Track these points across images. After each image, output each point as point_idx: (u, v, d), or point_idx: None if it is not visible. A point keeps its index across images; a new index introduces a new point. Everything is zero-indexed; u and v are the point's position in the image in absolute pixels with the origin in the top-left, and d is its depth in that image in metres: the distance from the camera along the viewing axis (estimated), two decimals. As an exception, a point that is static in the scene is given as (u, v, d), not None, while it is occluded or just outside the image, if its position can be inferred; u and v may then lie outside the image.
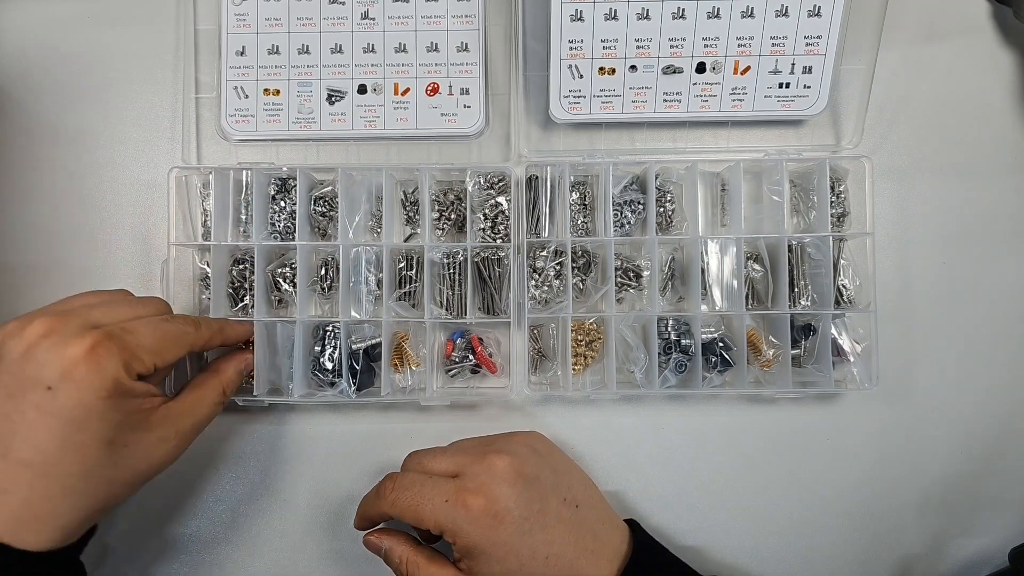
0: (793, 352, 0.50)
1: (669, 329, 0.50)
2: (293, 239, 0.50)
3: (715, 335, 0.50)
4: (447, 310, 0.50)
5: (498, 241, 0.50)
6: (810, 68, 0.49)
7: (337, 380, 0.49)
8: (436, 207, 0.51)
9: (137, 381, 0.38)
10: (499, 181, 0.51)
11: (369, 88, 0.51)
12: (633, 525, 0.46)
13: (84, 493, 0.37)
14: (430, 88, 0.51)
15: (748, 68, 0.49)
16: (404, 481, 0.43)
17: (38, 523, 0.36)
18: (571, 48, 0.49)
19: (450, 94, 0.51)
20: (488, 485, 0.41)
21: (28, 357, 0.36)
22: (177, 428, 0.40)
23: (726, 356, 0.50)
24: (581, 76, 0.50)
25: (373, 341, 0.50)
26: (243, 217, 0.51)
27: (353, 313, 0.50)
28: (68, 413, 0.35)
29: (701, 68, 0.49)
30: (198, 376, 0.45)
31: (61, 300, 0.41)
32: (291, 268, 0.50)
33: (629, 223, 0.51)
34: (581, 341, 0.50)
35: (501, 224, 0.50)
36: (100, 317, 0.39)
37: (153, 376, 0.40)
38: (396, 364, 0.51)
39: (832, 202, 0.50)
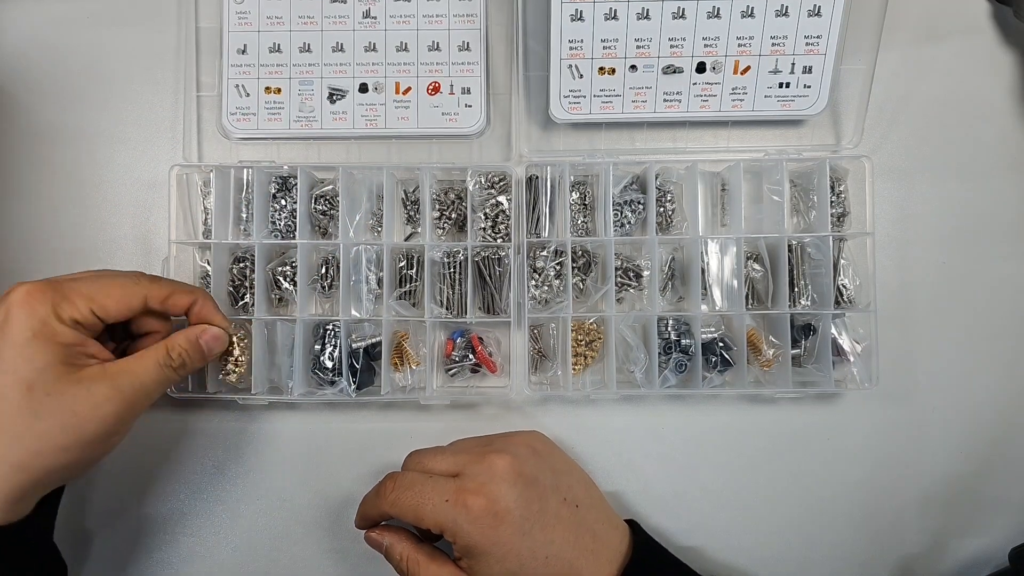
0: (793, 352, 0.50)
1: (669, 329, 0.50)
2: (294, 237, 0.50)
3: (715, 335, 0.50)
4: (447, 309, 0.50)
5: (498, 241, 0.50)
6: (810, 68, 0.49)
7: (337, 379, 0.49)
8: (437, 206, 0.51)
9: (71, 328, 0.38)
10: (500, 181, 0.51)
11: (370, 87, 0.51)
12: (633, 525, 0.46)
13: (20, 450, 0.36)
14: (431, 87, 0.51)
15: (748, 68, 0.49)
16: (404, 481, 0.43)
17: None
18: (571, 48, 0.49)
19: (451, 93, 0.51)
20: (488, 485, 0.41)
21: None
22: (114, 384, 0.38)
23: (726, 356, 0.50)
24: (581, 76, 0.50)
25: (373, 340, 0.50)
26: (244, 215, 0.51)
27: (353, 312, 0.50)
28: None
29: (701, 68, 0.50)
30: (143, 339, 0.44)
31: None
32: (291, 266, 0.50)
33: (629, 223, 0.51)
34: (581, 341, 0.50)
35: (501, 224, 0.50)
36: (62, 280, 0.39)
37: (96, 329, 0.39)
38: (396, 363, 0.51)
39: (832, 202, 0.50)
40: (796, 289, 0.50)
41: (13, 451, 0.36)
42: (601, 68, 0.50)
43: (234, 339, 0.48)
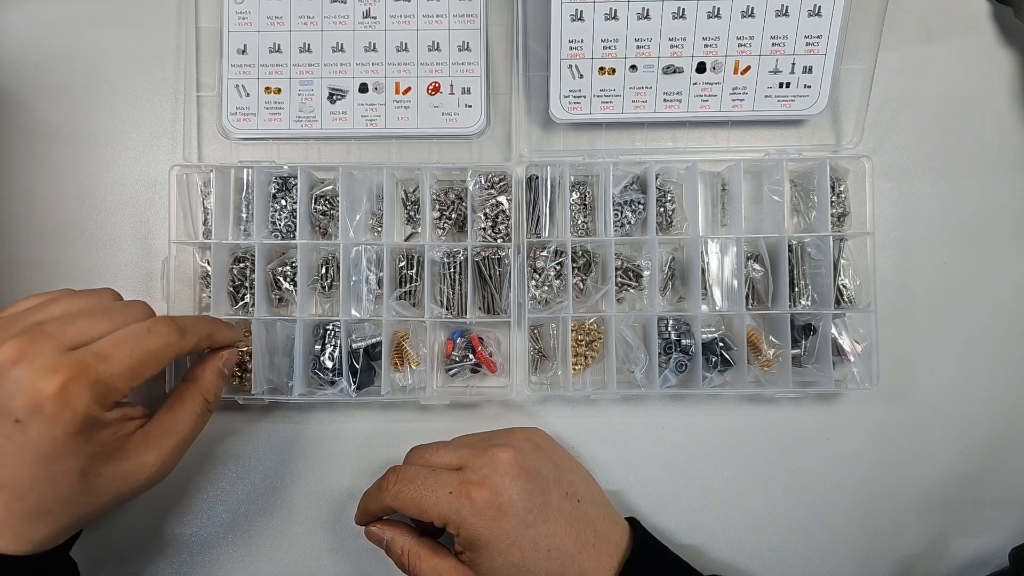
0: (793, 352, 0.50)
1: (669, 329, 0.50)
2: (294, 238, 0.50)
3: (715, 335, 0.50)
4: (447, 309, 0.50)
5: (498, 241, 0.50)
6: (810, 68, 0.49)
7: (337, 379, 0.49)
8: (437, 206, 0.51)
9: (111, 410, 0.36)
10: (500, 181, 0.51)
11: (370, 87, 0.51)
12: (633, 523, 0.46)
13: (61, 514, 0.36)
14: (431, 87, 0.51)
15: (748, 68, 0.49)
16: (407, 474, 0.43)
17: (15, 536, 0.36)
18: (571, 48, 0.49)
19: (451, 93, 0.51)
20: (492, 477, 0.41)
21: None
22: (159, 450, 0.39)
23: (726, 356, 0.50)
24: (581, 76, 0.50)
25: (373, 340, 0.50)
26: (244, 215, 0.51)
27: (353, 312, 0.50)
28: (37, 447, 0.34)
29: (701, 68, 0.50)
30: (176, 389, 0.43)
31: (37, 303, 0.39)
32: (292, 267, 0.50)
33: (629, 223, 0.51)
34: (581, 341, 0.50)
35: (502, 224, 0.50)
36: (76, 335, 0.36)
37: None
38: (396, 363, 0.51)
39: (832, 202, 0.50)
40: (796, 289, 0.51)
41: (69, 518, 0.36)
42: (601, 68, 0.50)
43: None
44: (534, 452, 0.44)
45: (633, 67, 0.50)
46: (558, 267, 0.50)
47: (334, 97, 0.51)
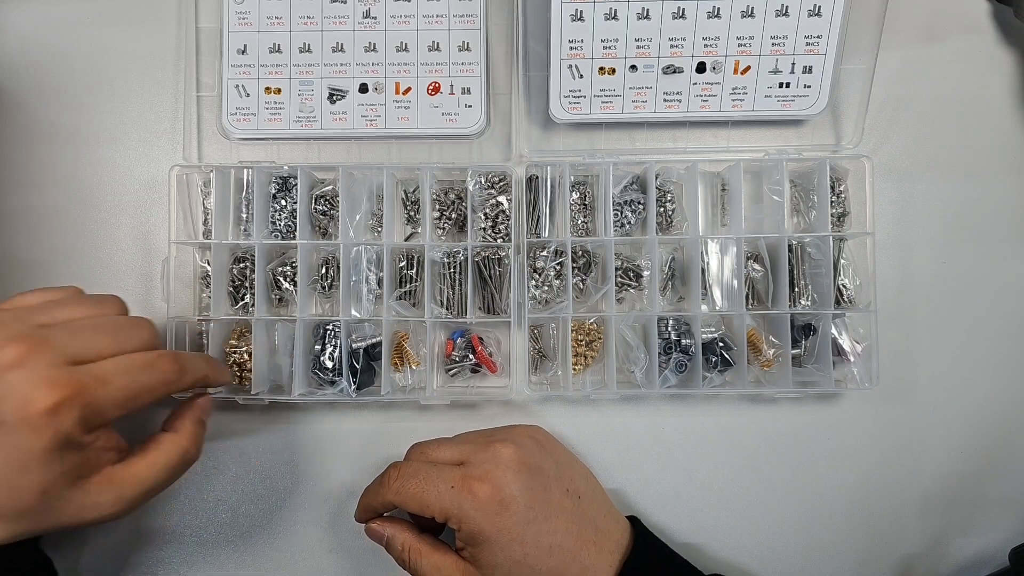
0: (793, 352, 0.50)
1: (669, 329, 0.50)
2: (294, 238, 0.50)
3: (715, 335, 0.50)
4: (447, 309, 0.50)
5: (499, 241, 0.50)
6: (810, 68, 0.49)
7: (337, 379, 0.49)
8: (437, 206, 0.51)
9: (90, 434, 0.35)
10: (500, 181, 0.51)
11: (370, 87, 0.51)
12: (634, 521, 0.46)
13: (15, 522, 0.35)
14: (431, 87, 0.51)
15: (748, 68, 0.49)
16: (409, 469, 0.43)
17: None
18: (571, 48, 0.49)
19: (451, 93, 0.51)
20: (494, 472, 0.41)
21: None
22: (118, 494, 0.37)
23: (726, 356, 0.50)
24: (581, 76, 0.50)
25: (373, 340, 0.50)
26: (244, 216, 0.51)
27: (353, 312, 0.50)
28: (12, 453, 0.34)
29: (701, 68, 0.50)
30: (154, 436, 0.41)
31: (44, 300, 0.39)
32: (292, 267, 0.50)
33: (629, 223, 0.52)
34: (581, 341, 0.50)
35: (501, 224, 0.50)
36: (79, 349, 0.36)
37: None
38: (396, 363, 0.51)
39: (832, 202, 0.50)
40: (796, 289, 0.51)
41: (21, 527, 0.36)
42: (601, 68, 0.50)
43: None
44: (536, 448, 0.44)
45: (633, 67, 0.50)
46: (558, 267, 0.50)
47: (334, 97, 0.51)
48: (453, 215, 0.51)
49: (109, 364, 0.36)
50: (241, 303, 0.51)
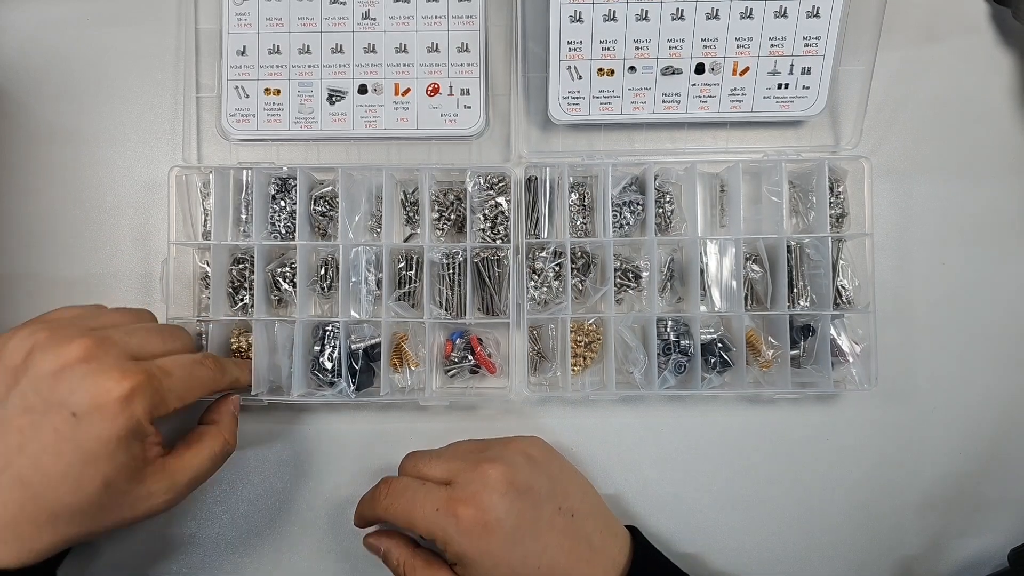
0: (792, 353, 0.50)
1: (668, 330, 0.50)
2: (293, 239, 0.50)
3: (714, 336, 0.50)
4: (446, 310, 0.50)
5: (498, 242, 0.50)
6: (809, 69, 0.49)
7: (336, 380, 0.49)
8: (436, 207, 0.51)
9: (154, 425, 0.38)
10: (499, 182, 0.51)
11: (370, 88, 0.51)
12: (634, 532, 0.46)
13: (70, 524, 0.36)
14: (430, 88, 0.51)
15: (747, 69, 0.49)
16: (398, 487, 0.43)
17: (18, 542, 0.35)
18: (570, 49, 0.49)
19: (450, 94, 0.51)
20: (479, 495, 0.41)
21: (60, 377, 0.35)
22: (171, 483, 0.39)
23: (725, 357, 0.50)
24: (580, 77, 0.50)
25: (372, 341, 0.50)
26: (243, 217, 0.51)
27: (353, 313, 0.50)
28: (84, 444, 0.35)
29: (700, 69, 0.50)
30: (195, 429, 0.44)
31: (86, 309, 0.41)
32: (291, 268, 0.50)
33: (628, 224, 0.52)
34: (580, 342, 0.50)
35: (501, 225, 0.51)
36: (137, 348, 0.38)
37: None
38: (395, 364, 0.51)
39: (831, 203, 0.50)
40: (795, 290, 0.51)
41: (75, 530, 0.36)
42: (600, 69, 0.50)
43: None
44: (527, 466, 0.43)
45: (632, 68, 0.50)
46: (557, 268, 0.50)
47: (333, 98, 0.51)
48: (452, 216, 0.51)
49: (168, 359, 0.39)
50: (240, 304, 0.51)
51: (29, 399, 0.35)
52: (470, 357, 0.50)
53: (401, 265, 0.51)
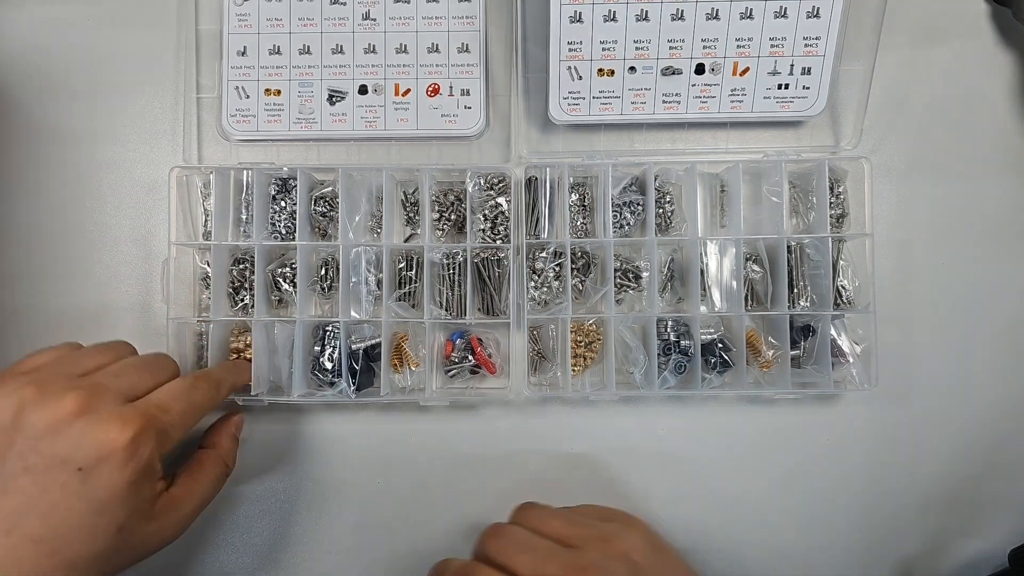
0: (792, 353, 0.50)
1: (668, 330, 0.50)
2: (293, 239, 0.50)
3: (714, 336, 0.50)
4: (447, 310, 0.50)
5: (498, 242, 0.50)
6: (809, 69, 0.49)
7: (337, 380, 0.49)
8: (436, 208, 0.51)
9: (160, 462, 0.38)
10: (499, 182, 0.51)
11: (370, 88, 0.51)
12: None
13: (87, 572, 0.36)
14: (431, 89, 0.51)
15: (747, 69, 0.49)
16: (517, 536, 0.39)
17: None
18: (570, 50, 0.49)
19: (451, 95, 0.51)
20: (605, 567, 0.37)
21: (58, 434, 0.35)
22: (179, 514, 0.40)
23: (725, 357, 0.50)
24: (580, 77, 0.50)
25: (373, 341, 0.50)
26: (243, 217, 0.51)
27: (353, 313, 0.50)
28: (95, 496, 0.35)
29: (700, 69, 0.50)
30: (195, 455, 0.44)
31: (62, 352, 0.40)
32: (291, 268, 0.50)
33: (628, 224, 0.52)
34: (580, 342, 0.50)
35: (501, 225, 0.51)
36: (128, 388, 0.38)
37: None
38: (396, 364, 0.51)
39: (831, 203, 0.50)
40: (795, 290, 0.51)
41: (78, 571, 0.36)
42: (600, 70, 0.50)
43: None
44: (652, 554, 0.39)
45: (632, 68, 0.50)
46: (557, 268, 0.50)
47: (334, 99, 0.51)
48: (452, 216, 0.51)
49: (162, 393, 0.39)
50: (240, 304, 0.51)
51: (28, 459, 0.35)
52: (470, 357, 0.51)
53: (401, 265, 0.51)
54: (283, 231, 0.51)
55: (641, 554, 0.39)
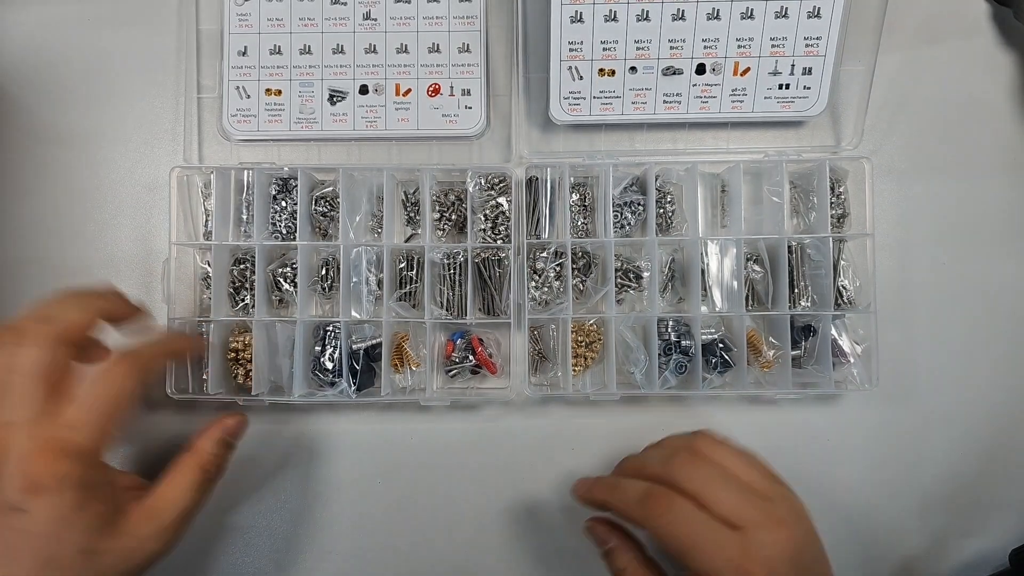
0: (793, 353, 0.50)
1: (669, 330, 0.50)
2: (294, 239, 0.50)
3: (715, 336, 0.50)
4: (447, 310, 0.50)
5: (498, 242, 0.50)
6: (810, 69, 0.49)
7: (337, 380, 0.49)
8: (437, 208, 0.51)
9: (103, 470, 0.37)
10: (500, 182, 0.51)
11: (370, 88, 0.51)
12: None
13: None
14: (431, 89, 0.51)
15: (748, 69, 0.49)
16: (683, 513, 0.36)
17: None
18: (571, 50, 0.49)
19: (451, 95, 0.51)
20: (772, 560, 0.35)
21: None
22: (157, 523, 0.38)
23: (726, 357, 0.50)
24: (581, 77, 0.50)
25: (373, 341, 0.50)
26: (244, 217, 0.51)
27: (353, 313, 0.50)
28: (43, 528, 0.34)
29: (701, 69, 0.50)
30: (174, 459, 0.42)
31: None
32: (292, 268, 0.50)
33: (629, 224, 0.52)
34: (581, 342, 0.50)
35: (501, 225, 0.51)
36: (36, 410, 0.36)
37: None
38: (396, 364, 0.51)
39: (832, 203, 0.50)
40: (796, 290, 0.51)
41: None
42: (601, 70, 0.50)
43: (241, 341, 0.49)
44: (812, 544, 0.38)
45: (633, 68, 0.50)
46: (558, 268, 0.50)
47: (334, 99, 0.51)
48: (453, 216, 0.51)
49: (71, 410, 0.36)
50: (241, 304, 0.51)
51: None
52: (471, 357, 0.50)
53: (402, 265, 0.51)
54: (284, 231, 0.51)
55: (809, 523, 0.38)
